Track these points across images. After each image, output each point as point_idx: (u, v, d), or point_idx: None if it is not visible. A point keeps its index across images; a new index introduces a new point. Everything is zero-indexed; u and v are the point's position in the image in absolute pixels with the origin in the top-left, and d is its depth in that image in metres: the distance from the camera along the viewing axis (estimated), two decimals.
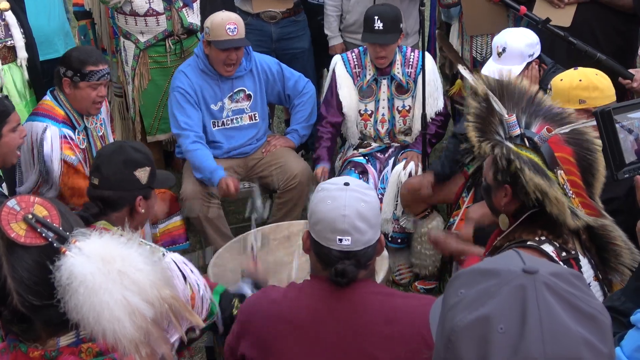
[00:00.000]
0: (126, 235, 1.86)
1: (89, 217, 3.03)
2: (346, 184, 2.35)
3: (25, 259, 1.78)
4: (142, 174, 3.14)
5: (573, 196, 2.54)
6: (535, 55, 4.23)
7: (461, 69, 2.81)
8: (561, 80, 3.56)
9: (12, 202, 1.83)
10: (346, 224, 2.27)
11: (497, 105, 2.54)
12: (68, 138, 4.14)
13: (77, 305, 1.72)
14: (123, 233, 1.88)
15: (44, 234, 1.79)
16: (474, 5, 5.09)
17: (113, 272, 1.74)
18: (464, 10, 5.26)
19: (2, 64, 4.41)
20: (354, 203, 2.29)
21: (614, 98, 3.48)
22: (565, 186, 2.51)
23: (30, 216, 1.80)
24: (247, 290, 2.93)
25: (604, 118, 2.45)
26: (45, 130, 4.07)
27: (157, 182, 3.25)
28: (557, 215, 2.42)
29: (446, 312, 1.28)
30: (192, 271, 2.66)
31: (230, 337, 2.52)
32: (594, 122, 2.59)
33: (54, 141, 4.07)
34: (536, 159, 2.46)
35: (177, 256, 2.73)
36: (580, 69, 3.60)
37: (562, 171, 2.52)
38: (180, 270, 2.61)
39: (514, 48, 4.18)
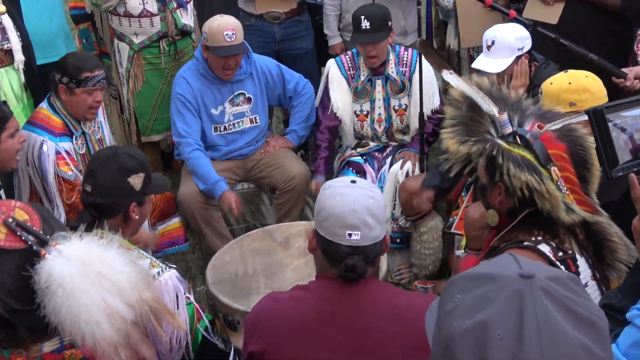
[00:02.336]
0: (107, 237, 1.86)
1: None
2: (353, 181, 2.38)
3: (6, 263, 1.77)
4: (136, 181, 3.10)
5: (567, 192, 2.54)
6: (526, 49, 4.22)
7: (445, 73, 2.80)
8: (551, 83, 3.56)
9: None
10: (356, 219, 2.28)
11: (487, 104, 2.54)
12: (64, 153, 4.12)
13: (55, 308, 1.71)
14: (106, 235, 1.87)
15: (23, 237, 1.78)
16: (469, 17, 5.11)
17: (92, 273, 1.73)
18: (460, 23, 5.27)
19: None
20: (363, 199, 2.31)
21: (606, 99, 3.47)
22: (559, 182, 2.51)
23: (10, 220, 1.79)
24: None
25: (596, 117, 2.45)
26: (42, 145, 4.06)
27: (152, 187, 3.22)
28: (549, 211, 2.42)
29: (443, 318, 1.27)
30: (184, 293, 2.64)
31: (243, 346, 2.52)
32: (586, 117, 2.59)
33: (50, 156, 4.06)
34: (528, 155, 2.47)
35: (174, 274, 2.69)
36: (570, 71, 3.59)
37: (555, 167, 2.52)
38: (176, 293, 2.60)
39: (503, 41, 4.18)
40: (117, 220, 3.10)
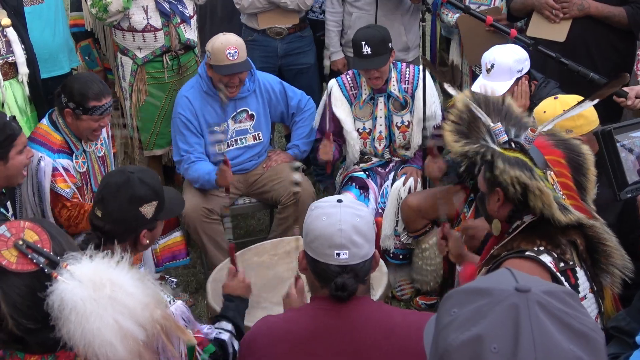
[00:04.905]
0: (118, 256, 1.88)
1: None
2: (339, 200, 2.38)
3: (18, 285, 1.81)
4: (148, 209, 3.05)
5: (564, 197, 2.55)
6: (525, 71, 4.24)
7: (446, 86, 2.87)
8: (544, 112, 3.55)
9: (2, 229, 1.86)
10: (343, 238, 2.28)
11: (482, 115, 2.58)
12: (61, 169, 4.10)
13: (69, 332, 1.75)
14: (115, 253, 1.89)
15: (34, 260, 1.81)
16: (472, 37, 5.12)
17: (104, 298, 1.76)
18: (464, 43, 5.28)
19: (3, 80, 4.41)
20: (349, 218, 2.32)
21: (598, 121, 3.50)
22: (555, 186, 2.52)
23: (20, 242, 1.82)
24: (223, 337, 2.85)
25: (605, 138, 2.45)
26: (39, 161, 4.04)
27: (165, 212, 3.16)
28: (542, 209, 2.43)
29: (439, 331, 1.27)
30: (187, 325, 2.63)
31: None
32: (577, 110, 2.61)
33: (47, 173, 4.05)
34: (524, 158, 2.49)
35: (178, 309, 2.68)
36: (560, 97, 3.60)
37: (552, 172, 2.54)
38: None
39: (502, 64, 4.19)
40: (126, 244, 3.04)
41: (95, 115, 4.09)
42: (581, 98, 3.53)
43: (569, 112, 2.70)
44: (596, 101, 2.82)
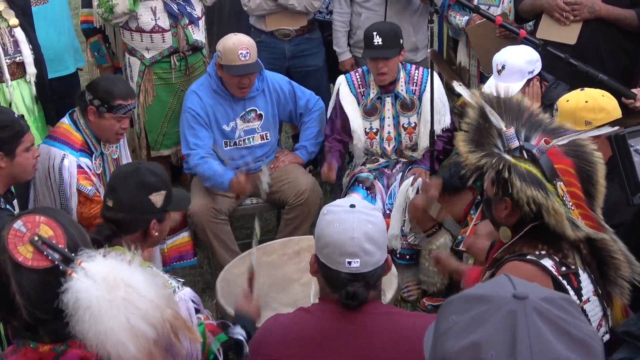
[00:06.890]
0: (130, 255, 1.92)
1: (101, 240, 3.01)
2: (352, 205, 2.35)
3: (32, 279, 1.85)
4: (157, 198, 3.07)
5: (573, 208, 2.55)
6: (536, 72, 4.23)
7: (456, 85, 2.84)
8: (567, 101, 3.55)
9: (18, 224, 1.88)
10: (355, 247, 2.26)
11: (494, 118, 2.57)
12: (85, 167, 4.15)
13: (83, 330, 1.79)
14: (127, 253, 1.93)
15: (49, 257, 1.85)
16: (484, 47, 5.10)
17: (117, 299, 1.80)
18: (477, 54, 5.27)
19: (11, 80, 4.42)
20: (362, 225, 2.29)
21: (620, 117, 3.48)
22: (564, 198, 2.51)
23: (36, 238, 1.86)
24: (240, 337, 2.86)
25: (618, 142, 2.44)
26: (63, 159, 4.09)
27: (173, 204, 3.18)
28: (555, 226, 2.43)
29: (438, 337, 1.27)
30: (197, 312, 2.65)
31: None
32: (592, 133, 2.60)
33: (71, 171, 4.09)
34: (535, 170, 2.48)
35: (187, 294, 2.70)
36: (586, 89, 3.59)
37: (561, 183, 2.53)
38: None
39: (513, 65, 4.18)
40: (136, 236, 3.07)
41: (119, 113, 4.14)
42: (606, 93, 3.56)
43: (580, 134, 2.67)
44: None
